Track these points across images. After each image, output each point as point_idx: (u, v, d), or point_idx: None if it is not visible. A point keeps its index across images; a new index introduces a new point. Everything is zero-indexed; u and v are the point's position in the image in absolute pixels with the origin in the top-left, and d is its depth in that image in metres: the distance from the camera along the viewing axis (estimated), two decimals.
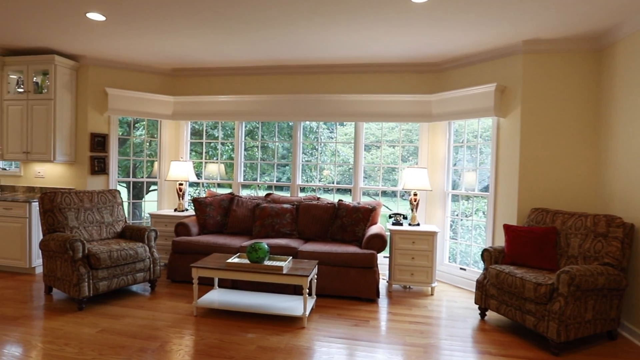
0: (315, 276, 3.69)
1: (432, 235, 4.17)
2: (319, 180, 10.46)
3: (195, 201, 4.72)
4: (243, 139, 5.51)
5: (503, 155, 4.13)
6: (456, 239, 5.09)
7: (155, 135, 5.68)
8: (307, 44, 4.18)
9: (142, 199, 6.56)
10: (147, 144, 5.97)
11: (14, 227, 4.55)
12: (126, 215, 7.60)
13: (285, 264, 3.34)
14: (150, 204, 8.70)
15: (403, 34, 3.80)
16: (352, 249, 3.99)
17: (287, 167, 7.25)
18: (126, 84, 5.25)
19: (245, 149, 9.07)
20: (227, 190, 5.73)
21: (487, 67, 4.28)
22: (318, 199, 4.88)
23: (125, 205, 6.45)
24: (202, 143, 6.15)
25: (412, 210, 4.45)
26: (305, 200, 4.81)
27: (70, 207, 3.89)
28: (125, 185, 8.34)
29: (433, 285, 4.19)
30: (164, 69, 5.43)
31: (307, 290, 3.25)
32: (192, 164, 5.37)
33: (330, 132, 10.10)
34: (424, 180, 4.36)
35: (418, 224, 4.39)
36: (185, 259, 4.29)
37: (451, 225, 5.17)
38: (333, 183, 5.65)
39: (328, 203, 4.60)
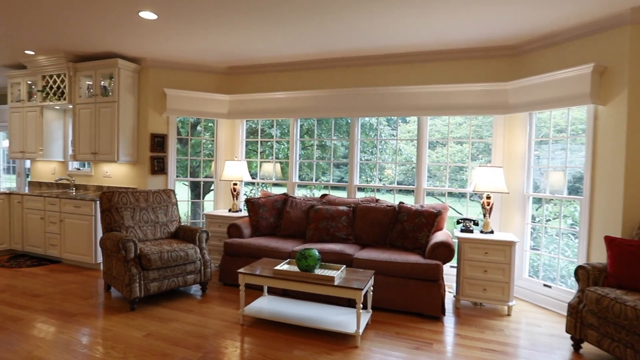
0: (372, 288, 3.32)
1: (509, 245, 3.57)
2: (379, 181, 9.98)
3: (248, 202, 4.58)
4: (298, 137, 5.28)
5: (602, 151, 3.41)
6: (538, 250, 4.38)
7: (214, 135, 5.67)
8: (365, 30, 3.81)
9: (202, 199, 6.63)
10: (205, 143, 6.01)
11: (82, 224, 4.76)
12: (181, 216, 7.75)
13: (338, 273, 3.01)
14: (210, 204, 8.88)
15: (472, 13, 3.27)
16: (414, 258, 3.55)
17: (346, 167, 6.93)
18: (184, 84, 5.28)
19: (303, 148, 8.93)
20: (283, 190, 5.56)
21: (578, 46, 3.57)
22: (377, 200, 4.49)
23: (187, 204, 6.56)
24: (257, 142, 6.04)
25: (484, 215, 3.88)
26: (363, 202, 4.44)
27: (127, 206, 3.92)
28: (188, 184, 8.58)
29: (510, 303, 3.60)
30: (220, 67, 5.39)
31: (362, 305, 2.89)
32: (247, 163, 5.27)
33: (392, 129, 9.58)
34: (499, 180, 3.76)
35: (492, 232, 3.81)
36: (236, 262, 4.15)
37: (532, 234, 4.47)
38: (394, 183, 5.20)
39: (388, 205, 4.19)
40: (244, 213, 4.98)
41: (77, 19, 3.70)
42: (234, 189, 5.05)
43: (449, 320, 3.45)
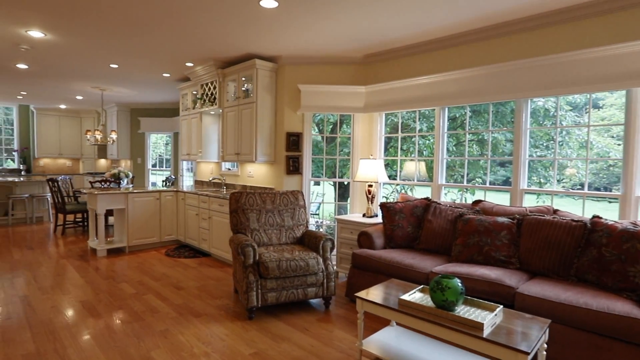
0: (545, 346, 2.25)
1: None
2: (558, 183, 7.87)
3: (383, 207, 3.94)
4: (445, 130, 4.36)
5: None
6: None
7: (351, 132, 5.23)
8: None
9: (347, 201, 6.29)
10: (344, 141, 5.62)
11: (224, 222, 4.96)
12: (327, 217, 7.51)
13: (490, 317, 2.10)
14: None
15: None
16: (622, 305, 2.30)
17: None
18: (317, 79, 4.99)
19: (456, 144, 7.69)
20: (427, 193, 4.72)
21: None
22: (555, 211, 3.25)
23: (332, 206, 6.30)
24: (398, 137, 5.33)
25: None
26: (533, 212, 3.27)
27: (253, 208, 3.79)
28: (333, 184, 8.43)
29: None
30: (355, 57, 4.89)
31: None
32: (387, 162, 4.62)
33: (578, 115, 7.41)
34: None
35: None
36: (365, 277, 3.57)
37: None
38: (582, 188, 3.74)
39: (573, 220, 2.95)
40: (379, 219, 4.35)
41: (209, 21, 3.73)
42: (369, 191, 4.48)
43: None
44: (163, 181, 8.01)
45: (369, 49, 4.58)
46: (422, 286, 2.59)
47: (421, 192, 5.66)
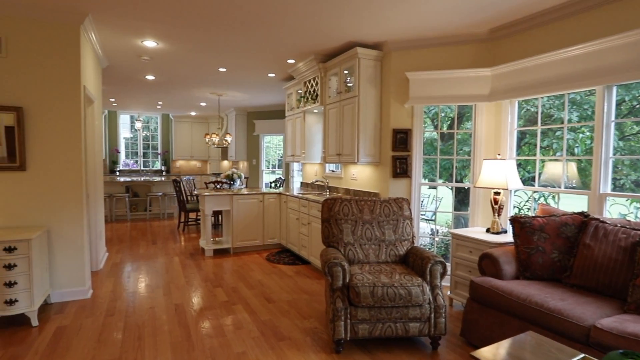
0: None
1: None
2: None
3: (516, 222, 2.99)
4: (612, 118, 3.14)
5: None
6: None
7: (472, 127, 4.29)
8: None
9: (467, 210, 5.31)
10: (464, 138, 4.68)
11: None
12: (445, 226, 6.51)
13: None
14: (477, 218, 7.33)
15: None
16: None
17: None
18: (429, 64, 4.19)
19: (620, 138, 5.89)
20: (582, 206, 3.58)
21: None
22: None
23: (450, 216, 5.36)
24: (537, 131, 4.16)
25: None
26: None
27: (348, 218, 3.24)
28: (451, 189, 7.44)
29: None
30: (477, 33, 3.95)
31: None
32: (517, 162, 3.60)
33: None
34: None
35: None
36: (488, 316, 2.70)
37: None
38: None
39: None
40: (509, 237, 3.38)
41: (308, 9, 3.32)
42: (495, 200, 3.53)
43: None
44: (271, 182, 8.07)
45: (496, 20, 3.62)
46: (582, 356, 1.69)
47: (569, 204, 4.37)
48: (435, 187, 4.61)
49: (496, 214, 3.52)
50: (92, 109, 4.58)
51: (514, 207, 4.29)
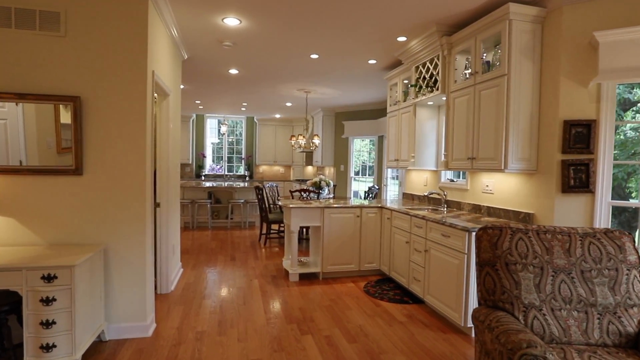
0: None
1: None
2: None
3: None
4: None
5: None
6: None
7: None
8: None
9: None
10: None
11: (449, 261, 3.25)
12: None
13: None
14: None
15: None
16: None
17: None
18: (629, 17, 2.70)
19: None
20: None
21: None
22: None
23: None
24: None
25: None
26: None
27: (526, 262, 1.95)
28: None
29: None
30: None
31: None
32: None
33: None
34: None
35: None
36: None
37: None
38: None
39: None
40: None
41: None
42: None
43: None
44: (365, 192, 6.92)
45: None
46: None
47: None
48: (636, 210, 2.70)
49: None
50: (167, 104, 3.89)
51: None
